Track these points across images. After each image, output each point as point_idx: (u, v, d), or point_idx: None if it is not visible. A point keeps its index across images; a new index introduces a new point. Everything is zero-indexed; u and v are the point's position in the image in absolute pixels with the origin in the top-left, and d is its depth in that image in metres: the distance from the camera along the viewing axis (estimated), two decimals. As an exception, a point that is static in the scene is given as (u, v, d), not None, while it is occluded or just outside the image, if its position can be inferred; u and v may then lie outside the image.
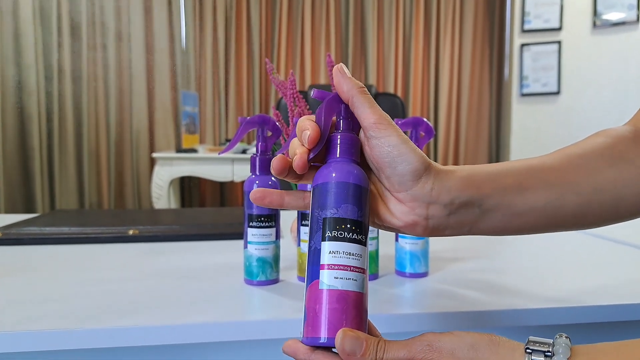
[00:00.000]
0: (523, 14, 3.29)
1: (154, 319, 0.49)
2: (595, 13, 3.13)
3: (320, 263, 0.33)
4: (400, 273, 0.65)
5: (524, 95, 3.35)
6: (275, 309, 0.53)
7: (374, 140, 0.34)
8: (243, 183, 0.66)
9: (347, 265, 0.33)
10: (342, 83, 0.35)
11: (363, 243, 0.34)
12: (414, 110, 3.58)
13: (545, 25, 3.25)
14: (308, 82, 3.43)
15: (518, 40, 3.33)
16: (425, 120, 0.60)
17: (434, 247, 0.79)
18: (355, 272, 0.33)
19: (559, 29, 3.24)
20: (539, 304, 0.54)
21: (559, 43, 3.24)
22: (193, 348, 0.54)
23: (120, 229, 0.88)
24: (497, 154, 3.73)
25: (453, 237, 0.87)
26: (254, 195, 0.37)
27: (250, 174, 0.61)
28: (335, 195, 0.34)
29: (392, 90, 3.53)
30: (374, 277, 0.64)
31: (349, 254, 0.33)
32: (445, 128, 3.63)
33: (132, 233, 0.86)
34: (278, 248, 0.61)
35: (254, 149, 0.61)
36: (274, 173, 0.36)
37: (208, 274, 0.66)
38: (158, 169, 2.75)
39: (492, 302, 0.55)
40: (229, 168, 2.75)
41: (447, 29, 3.57)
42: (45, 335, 0.46)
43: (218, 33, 3.35)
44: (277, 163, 0.35)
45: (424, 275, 0.65)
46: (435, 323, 0.52)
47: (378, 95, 2.00)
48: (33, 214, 1.09)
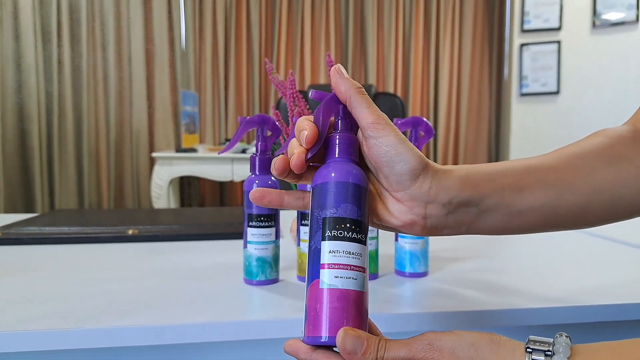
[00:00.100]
0: (522, 14, 3.29)
1: (154, 319, 0.49)
2: (595, 13, 3.14)
3: (321, 262, 0.33)
4: (400, 273, 0.65)
5: (524, 95, 3.35)
6: (275, 309, 0.53)
7: (372, 140, 0.34)
8: (243, 183, 0.66)
9: (347, 264, 0.33)
10: (339, 83, 0.35)
11: (363, 242, 0.34)
12: (414, 110, 3.58)
13: (545, 25, 3.26)
14: (308, 82, 3.43)
15: (517, 40, 3.33)
16: (425, 120, 0.61)
17: (434, 246, 0.79)
18: (356, 271, 0.33)
19: (559, 29, 3.24)
20: (539, 304, 0.54)
21: (559, 43, 3.24)
22: (193, 348, 0.54)
23: (120, 229, 0.88)
24: (496, 154, 3.74)
25: (452, 237, 0.87)
26: (254, 195, 0.37)
27: (250, 174, 0.61)
28: (335, 195, 0.34)
29: (391, 90, 3.53)
30: (374, 276, 0.64)
31: (349, 253, 0.33)
32: (445, 128, 3.63)
33: (131, 233, 0.86)
34: (278, 248, 0.61)
35: (254, 149, 0.61)
36: (275, 174, 0.36)
37: (208, 274, 0.66)
38: (158, 169, 2.75)
39: (491, 301, 0.55)
40: (229, 168, 2.75)
41: (446, 29, 3.57)
42: (45, 335, 0.46)
43: (218, 33, 3.35)
44: (278, 163, 0.35)
45: (424, 275, 0.65)
46: (435, 323, 0.52)
47: (378, 95, 2.00)
48: (33, 214, 1.09)
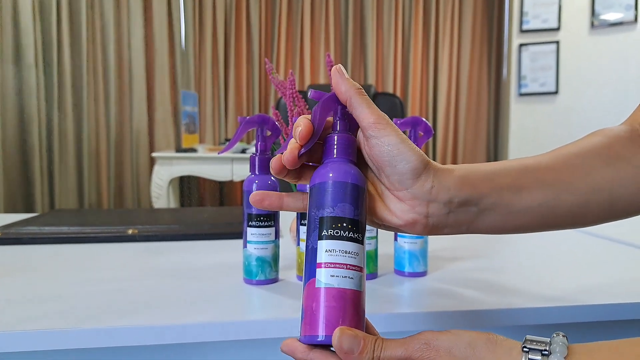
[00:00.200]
0: (521, 14, 3.29)
1: (154, 319, 0.49)
2: (593, 13, 3.14)
3: (317, 261, 0.33)
4: (399, 272, 0.65)
5: (522, 95, 3.35)
6: (275, 309, 0.53)
7: (374, 140, 0.34)
8: (242, 182, 0.66)
9: (343, 264, 0.33)
10: (340, 84, 0.35)
11: (360, 241, 0.34)
12: (413, 110, 3.58)
13: (544, 26, 3.26)
14: (307, 82, 3.43)
15: (516, 40, 3.33)
16: (424, 120, 0.61)
17: (433, 246, 0.80)
18: (352, 270, 0.33)
19: (557, 29, 3.24)
20: (537, 303, 0.55)
21: (557, 43, 3.24)
22: (193, 347, 0.54)
23: (120, 229, 0.88)
24: (495, 154, 3.74)
25: (451, 237, 0.88)
26: (254, 198, 0.37)
27: (250, 174, 0.61)
28: (332, 195, 0.34)
29: (391, 90, 3.53)
30: (373, 276, 0.64)
31: (346, 252, 0.33)
32: (444, 128, 3.63)
33: (131, 232, 0.86)
34: (277, 247, 0.61)
35: (254, 149, 0.61)
36: (273, 172, 0.36)
37: (207, 274, 0.66)
38: (158, 169, 2.75)
39: (490, 301, 0.55)
40: (229, 167, 2.75)
41: (445, 29, 3.57)
42: (45, 335, 0.46)
43: (218, 33, 3.35)
44: (275, 162, 0.36)
45: (423, 275, 0.65)
46: (434, 322, 0.52)
47: (377, 95, 2.00)
48: (32, 214, 1.09)
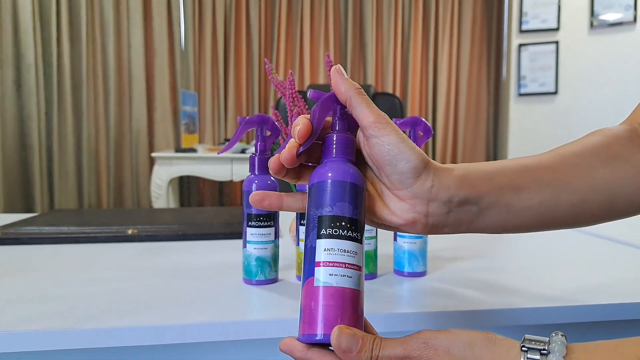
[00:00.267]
0: (521, 15, 3.30)
1: (154, 319, 0.49)
2: (593, 13, 3.14)
3: (316, 260, 0.33)
4: (399, 272, 0.65)
5: (522, 95, 3.36)
6: (275, 309, 0.53)
7: (374, 139, 0.35)
8: (242, 182, 0.66)
9: (342, 263, 0.33)
10: (339, 84, 0.35)
11: (358, 240, 0.34)
12: (413, 110, 3.58)
13: (543, 26, 3.26)
14: (307, 82, 3.43)
15: (516, 41, 3.33)
16: (424, 120, 0.61)
17: (432, 246, 0.80)
18: (351, 269, 0.33)
19: (557, 29, 3.25)
20: (536, 303, 0.55)
21: (557, 43, 3.24)
22: (192, 348, 0.54)
23: (119, 229, 0.88)
24: (494, 154, 3.74)
25: (451, 237, 0.88)
26: (253, 199, 0.37)
27: (249, 174, 0.61)
28: (331, 194, 0.34)
29: (390, 90, 3.54)
30: (373, 276, 0.64)
31: (344, 251, 0.33)
32: (444, 128, 3.63)
33: (131, 232, 0.86)
34: (277, 247, 0.62)
35: (253, 149, 0.61)
36: (272, 172, 0.36)
37: (207, 274, 0.66)
38: (157, 169, 2.75)
39: (489, 301, 0.55)
40: (228, 167, 2.75)
41: (445, 30, 3.58)
42: (45, 335, 0.46)
43: (217, 33, 3.35)
44: (273, 162, 0.36)
45: (422, 275, 0.65)
46: (433, 322, 0.52)
47: (377, 95, 2.01)
48: (32, 214, 1.09)
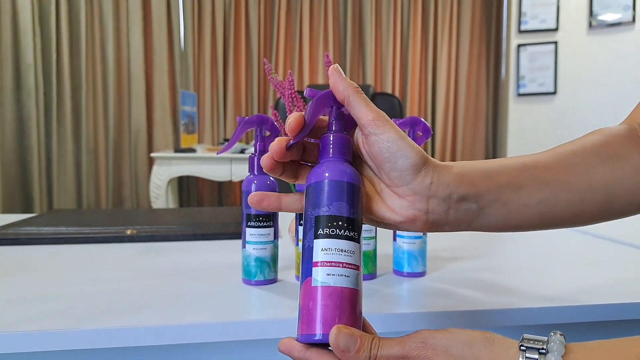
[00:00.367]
0: (520, 15, 3.30)
1: (153, 319, 0.49)
2: (591, 14, 3.14)
3: (313, 260, 0.33)
4: (398, 272, 0.65)
5: (521, 95, 3.36)
6: (274, 309, 0.53)
7: (373, 137, 0.35)
8: (241, 183, 0.66)
9: (339, 262, 0.33)
10: (338, 83, 0.35)
11: (356, 240, 0.34)
12: (412, 110, 3.59)
13: (542, 26, 3.27)
14: (306, 82, 3.43)
15: (515, 41, 3.34)
16: (423, 120, 0.61)
17: (432, 246, 0.80)
18: (348, 268, 0.33)
19: (555, 30, 3.25)
20: (535, 303, 0.55)
21: (555, 43, 3.25)
22: (191, 348, 0.54)
23: (118, 229, 0.88)
24: (493, 154, 3.74)
25: (450, 237, 0.88)
26: (252, 199, 0.37)
27: (249, 174, 0.61)
28: (327, 194, 0.34)
29: (389, 91, 3.54)
30: (372, 276, 0.64)
31: (342, 251, 0.33)
32: (443, 128, 3.63)
33: (130, 233, 0.86)
34: (276, 248, 0.62)
35: (252, 149, 0.61)
36: (265, 169, 0.36)
37: (206, 274, 0.66)
38: (156, 169, 2.75)
39: (489, 301, 0.55)
40: (227, 168, 2.75)
41: (444, 30, 3.58)
42: (44, 336, 0.46)
43: (217, 33, 3.35)
44: (265, 159, 0.36)
45: (422, 275, 0.65)
46: (433, 322, 0.52)
47: (376, 95, 2.01)
48: (31, 214, 1.09)
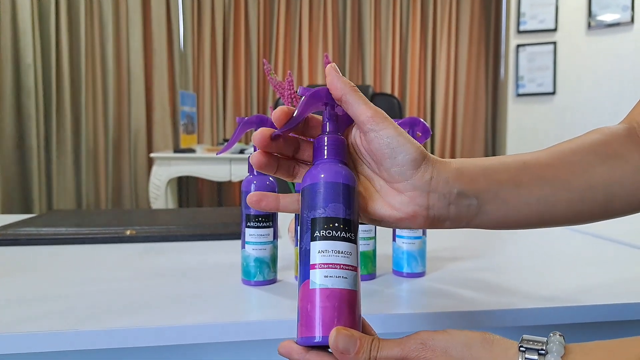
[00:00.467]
0: (518, 15, 3.30)
1: (152, 320, 0.49)
2: (590, 14, 3.15)
3: (311, 263, 0.33)
4: (398, 273, 0.65)
5: (520, 96, 3.36)
6: (273, 309, 0.53)
7: (372, 134, 0.35)
8: (241, 183, 0.66)
9: (336, 264, 0.33)
10: (335, 81, 0.35)
11: (353, 241, 0.34)
12: (411, 111, 3.59)
13: (541, 26, 3.27)
14: (306, 82, 3.43)
15: (514, 41, 3.34)
16: (422, 121, 0.61)
17: (431, 246, 0.80)
18: (346, 270, 0.33)
19: (554, 30, 3.25)
20: (536, 304, 0.55)
21: (554, 44, 3.25)
22: (191, 348, 0.54)
23: (118, 229, 0.88)
24: (493, 154, 3.75)
25: (450, 237, 0.88)
26: (251, 199, 0.37)
27: (248, 174, 0.61)
28: (323, 195, 0.34)
29: (389, 91, 3.54)
30: (371, 277, 0.64)
31: (339, 252, 0.33)
32: (442, 128, 3.64)
33: (129, 233, 0.86)
34: (276, 248, 0.62)
35: (252, 149, 0.61)
36: (254, 167, 0.36)
37: (206, 275, 0.66)
38: (156, 169, 2.75)
39: (488, 301, 0.55)
40: (227, 168, 2.75)
41: (443, 30, 3.58)
42: (44, 337, 0.46)
43: (216, 33, 3.35)
44: (253, 156, 0.36)
45: (421, 275, 0.65)
46: (432, 323, 0.52)
47: (375, 96, 2.01)
48: (30, 214, 1.09)
